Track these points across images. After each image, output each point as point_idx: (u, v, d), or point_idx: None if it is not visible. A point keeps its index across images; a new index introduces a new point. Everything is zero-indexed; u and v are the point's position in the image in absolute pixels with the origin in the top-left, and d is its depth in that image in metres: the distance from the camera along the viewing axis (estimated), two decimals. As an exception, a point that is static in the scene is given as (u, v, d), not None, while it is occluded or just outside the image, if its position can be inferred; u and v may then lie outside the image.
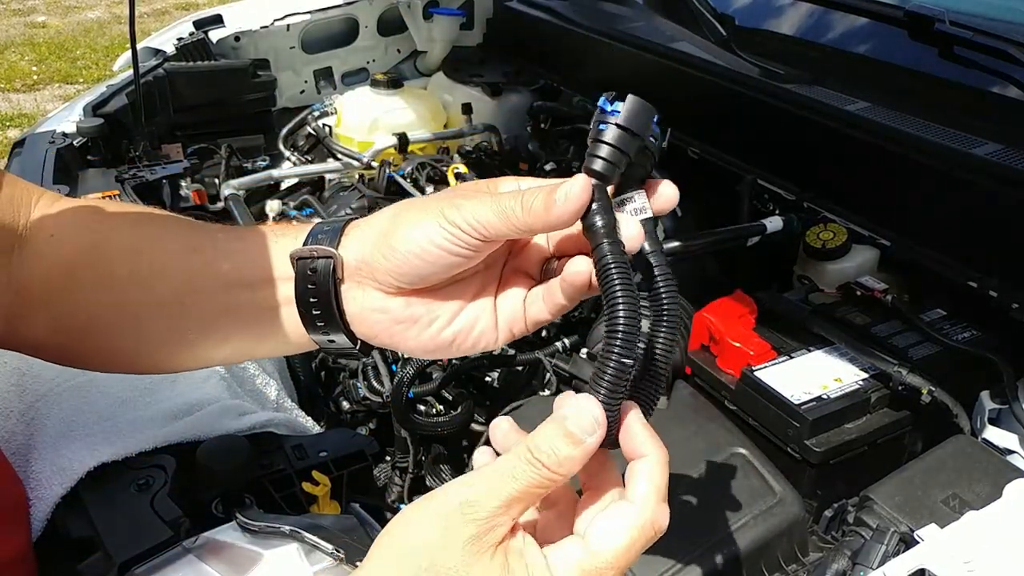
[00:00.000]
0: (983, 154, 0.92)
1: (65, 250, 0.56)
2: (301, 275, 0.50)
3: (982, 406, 0.85)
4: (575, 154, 1.44)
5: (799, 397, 0.84)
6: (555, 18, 1.56)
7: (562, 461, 0.39)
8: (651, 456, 0.41)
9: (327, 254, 0.49)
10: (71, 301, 0.56)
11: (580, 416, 0.39)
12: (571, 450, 0.39)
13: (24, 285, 0.56)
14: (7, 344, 0.58)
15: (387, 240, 0.47)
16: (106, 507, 0.63)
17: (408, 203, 0.48)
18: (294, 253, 0.50)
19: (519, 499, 0.39)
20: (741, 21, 1.30)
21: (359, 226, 0.50)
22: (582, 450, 0.39)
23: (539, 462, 0.39)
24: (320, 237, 0.50)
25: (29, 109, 4.18)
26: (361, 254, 0.49)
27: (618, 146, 0.40)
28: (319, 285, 0.49)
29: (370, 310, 0.49)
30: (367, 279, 0.49)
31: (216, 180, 1.44)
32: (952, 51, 1.01)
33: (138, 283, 0.55)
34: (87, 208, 0.60)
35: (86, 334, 0.56)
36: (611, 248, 0.39)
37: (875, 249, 1.03)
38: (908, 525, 0.69)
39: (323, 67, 1.74)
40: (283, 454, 0.73)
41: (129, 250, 0.56)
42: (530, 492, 0.39)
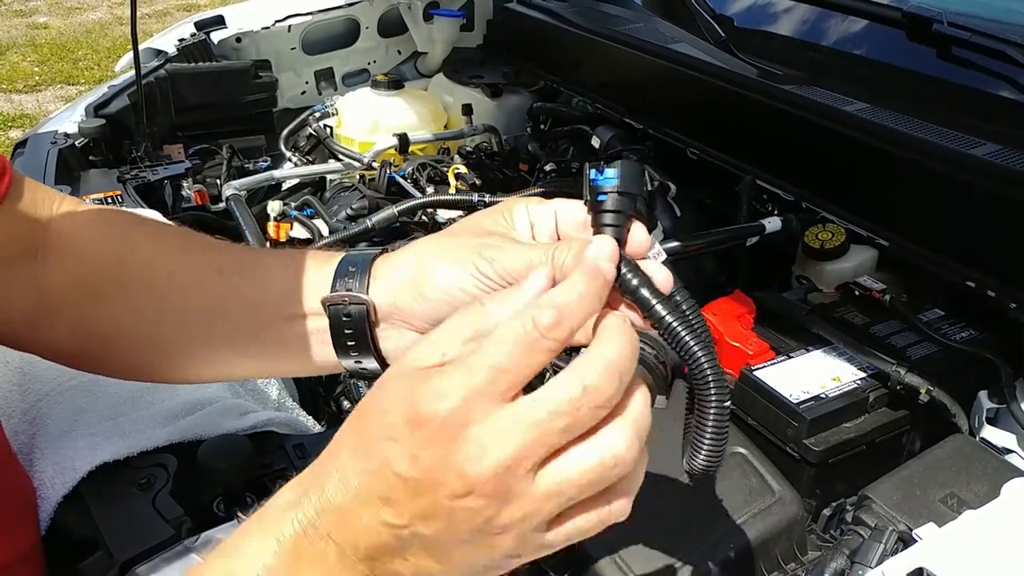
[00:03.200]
0: (982, 155, 0.92)
1: (89, 259, 0.57)
2: (335, 319, 0.50)
3: (980, 406, 0.86)
4: (574, 155, 1.44)
5: (798, 396, 0.84)
6: (555, 19, 1.56)
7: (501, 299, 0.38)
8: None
9: (359, 300, 0.49)
10: (94, 310, 0.56)
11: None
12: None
13: (47, 290, 0.56)
14: (27, 347, 0.59)
15: (418, 288, 0.47)
16: (108, 506, 0.63)
17: (436, 248, 0.48)
18: (326, 299, 0.50)
19: (454, 332, 0.37)
20: (740, 22, 1.31)
21: (387, 266, 0.50)
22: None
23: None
24: (349, 280, 0.50)
25: (31, 110, 4.19)
26: (392, 299, 0.49)
27: (621, 210, 0.42)
28: (355, 329, 0.50)
29: (407, 348, 0.49)
30: (400, 321, 0.50)
31: (218, 181, 1.45)
32: (950, 52, 1.02)
33: (163, 297, 0.55)
34: (111, 217, 0.60)
35: (107, 343, 0.57)
36: (663, 306, 0.40)
37: (873, 249, 1.03)
38: (906, 524, 0.69)
39: (324, 68, 1.74)
40: (284, 453, 0.73)
41: (154, 264, 0.56)
42: (462, 332, 0.37)
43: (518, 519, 0.34)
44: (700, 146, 1.24)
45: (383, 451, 0.35)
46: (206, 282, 0.55)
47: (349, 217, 1.35)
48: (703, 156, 1.23)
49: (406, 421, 0.34)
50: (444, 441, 0.34)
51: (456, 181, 1.43)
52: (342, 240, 1.27)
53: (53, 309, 0.56)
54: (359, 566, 0.37)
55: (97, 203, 1.15)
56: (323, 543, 0.36)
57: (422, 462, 0.34)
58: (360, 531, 0.36)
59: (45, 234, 0.57)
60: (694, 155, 1.25)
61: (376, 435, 0.35)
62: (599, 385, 0.34)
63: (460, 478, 0.33)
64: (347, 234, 1.27)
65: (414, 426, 0.34)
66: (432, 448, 0.34)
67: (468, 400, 0.34)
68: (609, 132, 1.39)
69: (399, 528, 0.35)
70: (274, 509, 0.39)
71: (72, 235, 0.58)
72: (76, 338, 0.57)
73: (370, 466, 0.35)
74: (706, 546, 0.74)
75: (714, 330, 0.95)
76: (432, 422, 0.34)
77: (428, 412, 0.34)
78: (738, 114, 1.20)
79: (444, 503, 0.34)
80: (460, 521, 0.34)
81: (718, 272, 1.14)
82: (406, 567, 0.37)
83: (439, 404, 0.34)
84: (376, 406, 0.36)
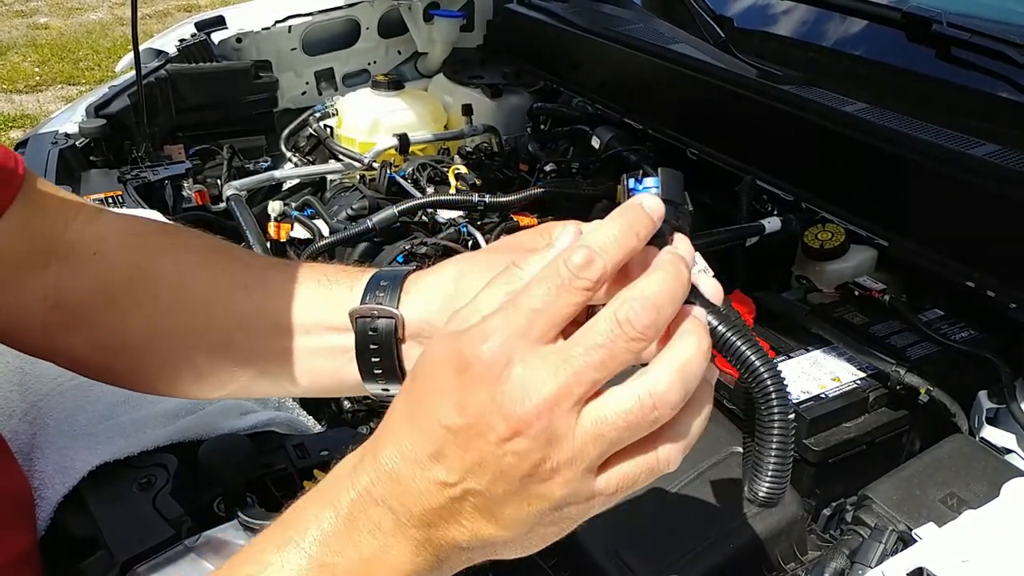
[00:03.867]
0: (981, 155, 0.92)
1: (108, 270, 0.56)
2: (361, 333, 0.49)
3: (980, 405, 0.86)
4: (575, 155, 1.44)
5: (797, 396, 0.84)
6: (555, 20, 1.56)
7: (527, 261, 0.37)
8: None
9: (388, 314, 0.48)
10: (112, 322, 0.55)
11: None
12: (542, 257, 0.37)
13: (64, 299, 0.55)
14: (44, 354, 0.58)
15: (453, 304, 0.45)
16: (108, 506, 0.63)
17: (471, 265, 0.47)
18: (354, 311, 0.49)
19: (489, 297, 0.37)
20: (739, 23, 1.31)
21: (421, 282, 0.49)
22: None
23: (512, 265, 0.38)
24: (379, 294, 0.49)
25: (32, 110, 4.19)
26: (425, 315, 0.48)
27: (665, 219, 0.39)
28: (381, 344, 0.49)
29: None
30: (429, 339, 0.48)
31: (218, 181, 1.45)
32: (950, 52, 1.02)
33: (183, 312, 0.54)
34: (130, 226, 0.59)
35: (125, 355, 0.56)
36: (717, 317, 0.38)
37: (873, 249, 1.03)
38: (906, 524, 0.69)
39: (324, 68, 1.74)
40: (284, 453, 0.73)
41: (174, 277, 0.55)
42: (498, 296, 0.36)
43: (564, 461, 0.34)
44: (700, 146, 1.24)
45: (432, 407, 0.35)
46: (230, 299, 0.53)
47: (350, 217, 1.35)
48: (703, 156, 1.24)
49: (453, 371, 0.35)
50: (488, 383, 0.34)
51: (456, 181, 1.43)
52: (343, 240, 1.27)
53: (70, 317, 0.55)
54: (415, 533, 0.36)
55: (98, 203, 1.15)
56: (378, 510, 0.36)
57: (469, 408, 0.34)
58: (414, 495, 0.36)
59: (62, 239, 0.57)
60: (694, 155, 1.25)
61: (425, 393, 0.36)
62: (631, 317, 0.34)
63: (505, 420, 0.33)
64: (347, 234, 1.27)
65: (459, 373, 0.34)
66: (477, 392, 0.34)
67: (508, 340, 0.34)
68: (609, 132, 1.39)
69: (451, 487, 0.35)
70: (331, 480, 0.38)
71: (92, 243, 0.57)
72: (93, 348, 0.56)
73: (420, 425, 0.35)
74: (706, 546, 0.74)
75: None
76: (476, 365, 0.34)
77: (471, 355, 0.34)
78: (737, 114, 1.20)
79: (492, 450, 0.34)
80: (509, 467, 0.34)
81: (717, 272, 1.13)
82: (461, 532, 0.36)
83: (481, 347, 0.34)
84: (424, 369, 0.36)
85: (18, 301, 0.55)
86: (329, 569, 0.36)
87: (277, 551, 0.37)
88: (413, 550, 0.37)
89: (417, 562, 0.37)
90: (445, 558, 0.38)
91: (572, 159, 1.43)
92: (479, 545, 0.37)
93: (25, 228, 0.56)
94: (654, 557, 0.71)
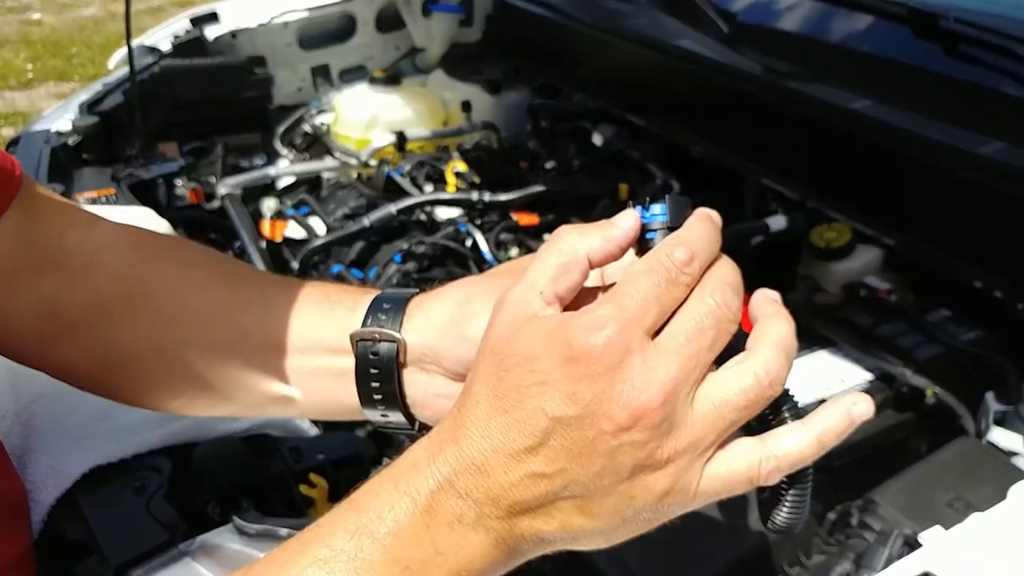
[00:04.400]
0: (989, 152, 0.91)
1: (103, 283, 0.55)
2: (362, 356, 0.48)
3: (987, 407, 0.85)
4: (576, 153, 1.43)
5: (803, 398, 0.83)
6: (555, 15, 1.55)
7: (583, 230, 0.39)
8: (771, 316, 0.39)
9: (390, 338, 0.47)
10: (107, 335, 0.54)
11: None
12: (599, 226, 0.39)
13: (58, 310, 0.54)
14: (36, 364, 0.57)
15: (458, 329, 0.45)
16: (102, 509, 0.62)
17: (477, 289, 0.47)
18: (355, 334, 0.48)
19: (540, 271, 0.38)
20: (744, 17, 1.30)
21: (424, 306, 0.48)
22: (609, 227, 0.39)
23: (561, 232, 0.39)
24: (382, 317, 0.48)
25: (24, 107, 4.16)
26: (427, 340, 0.47)
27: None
28: (381, 369, 0.47)
29: (435, 396, 0.48)
30: (432, 365, 0.47)
31: (212, 178, 1.43)
32: (957, 48, 1.01)
33: (182, 328, 0.53)
34: (128, 237, 0.58)
35: (120, 369, 0.55)
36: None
37: (880, 249, 1.02)
38: (912, 528, 0.68)
39: (320, 64, 1.73)
40: (280, 456, 0.72)
41: (172, 292, 0.54)
42: (549, 262, 0.38)
43: (682, 448, 0.34)
44: (703, 143, 1.23)
45: (534, 398, 0.34)
46: (228, 316, 0.52)
47: (346, 216, 1.34)
48: (706, 154, 1.23)
49: (560, 362, 0.34)
50: (604, 374, 0.33)
51: (455, 179, 1.42)
52: (339, 239, 1.26)
53: (64, 328, 0.54)
54: (497, 525, 0.36)
55: (90, 202, 1.13)
56: (462, 503, 0.35)
57: (582, 398, 0.34)
58: (504, 488, 0.35)
59: (57, 248, 0.56)
60: (697, 152, 1.24)
61: (524, 382, 0.35)
62: (727, 300, 0.36)
63: (624, 409, 0.33)
64: (344, 233, 1.25)
65: (569, 363, 0.34)
66: (592, 382, 0.33)
67: (624, 329, 0.34)
68: (611, 129, 1.38)
69: (549, 478, 0.35)
70: (407, 466, 0.37)
71: (89, 253, 0.56)
72: (87, 361, 0.55)
73: (518, 415, 0.35)
74: (709, 550, 0.73)
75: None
76: (589, 355, 0.33)
77: (584, 346, 0.34)
78: (742, 111, 1.19)
79: (607, 440, 0.34)
80: (623, 456, 0.34)
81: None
82: (549, 524, 0.36)
83: (595, 337, 0.34)
84: (516, 356, 0.35)
85: (11, 309, 0.54)
86: (403, 562, 0.36)
87: (350, 538, 0.36)
88: (492, 543, 0.36)
89: (492, 554, 0.36)
90: (522, 550, 0.37)
91: (573, 156, 1.42)
92: (564, 537, 0.37)
93: (20, 235, 0.55)
94: (659, 562, 0.71)
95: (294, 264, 1.27)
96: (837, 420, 0.37)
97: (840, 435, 0.37)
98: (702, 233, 0.38)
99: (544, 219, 1.28)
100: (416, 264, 1.18)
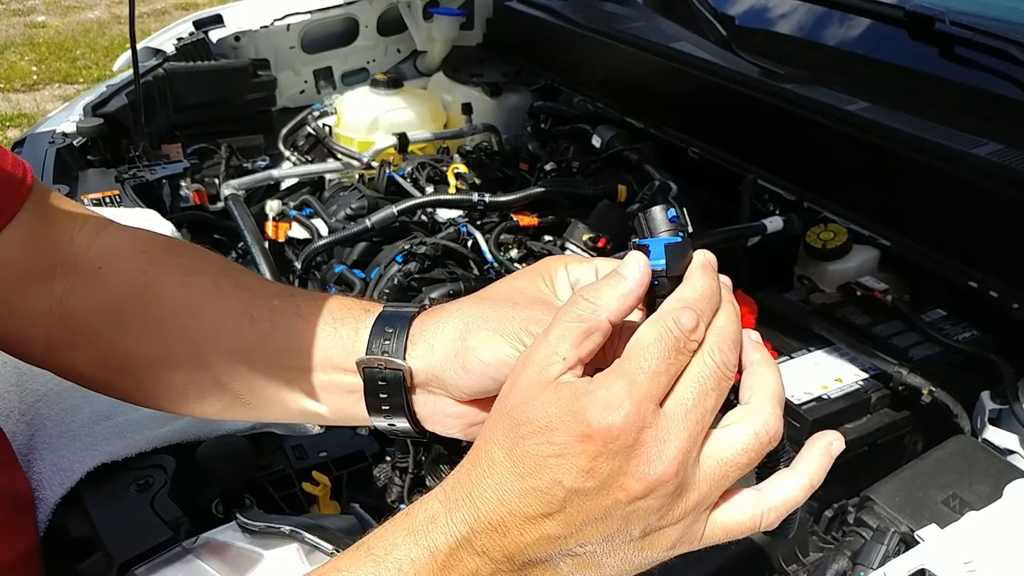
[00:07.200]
0: (984, 154, 0.92)
1: (113, 288, 0.55)
2: (370, 380, 0.49)
3: (982, 406, 0.85)
4: (575, 154, 1.44)
5: (800, 397, 0.84)
6: (555, 18, 1.56)
7: (594, 296, 0.39)
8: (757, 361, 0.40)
9: (396, 367, 0.48)
10: (115, 341, 0.55)
11: (626, 261, 0.40)
12: (611, 284, 0.39)
13: (68, 314, 0.55)
14: (47, 366, 0.58)
15: (459, 360, 0.46)
16: (106, 507, 0.63)
17: (480, 319, 0.46)
18: (360, 361, 0.48)
19: (563, 336, 0.38)
20: (741, 21, 1.30)
21: (427, 333, 0.48)
22: (622, 283, 0.39)
23: (579, 296, 0.39)
24: (386, 343, 0.48)
25: (29, 109, 4.18)
26: (431, 367, 0.47)
27: (671, 292, 0.40)
28: (390, 393, 0.49)
29: (443, 415, 0.49)
30: (438, 389, 0.48)
31: (216, 180, 1.44)
32: (953, 51, 1.01)
33: (188, 338, 0.53)
34: (138, 242, 0.59)
35: (128, 374, 0.56)
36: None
37: (876, 249, 1.02)
38: (908, 525, 0.69)
39: (323, 67, 1.73)
40: (283, 454, 0.73)
41: (180, 301, 0.54)
42: (571, 328, 0.38)
43: (691, 507, 0.36)
44: (701, 145, 1.24)
45: (551, 471, 0.36)
46: (235, 328, 0.53)
47: (348, 217, 1.35)
48: (704, 155, 1.23)
49: (577, 438, 0.35)
50: (622, 451, 0.35)
51: (456, 180, 1.43)
52: (341, 240, 1.27)
53: (73, 332, 0.55)
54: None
55: (95, 203, 1.14)
56: (478, 559, 0.37)
57: (599, 473, 0.35)
58: (520, 547, 0.37)
59: (68, 252, 0.56)
60: (695, 154, 1.25)
61: (540, 453, 0.36)
62: (725, 359, 0.37)
63: (640, 481, 0.35)
64: (346, 234, 1.26)
65: (586, 440, 0.35)
66: (609, 459, 0.35)
67: (639, 407, 0.35)
68: (610, 131, 1.38)
69: (564, 538, 0.36)
70: (423, 519, 0.39)
71: (98, 257, 0.56)
72: (95, 365, 0.56)
73: (536, 484, 0.36)
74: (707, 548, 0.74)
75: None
76: (608, 434, 0.35)
77: (602, 425, 0.35)
78: (739, 113, 1.19)
79: (621, 507, 0.35)
80: (636, 519, 0.36)
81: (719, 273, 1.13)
82: (558, 574, 0.38)
83: (612, 416, 0.35)
84: (534, 424, 0.37)
85: (22, 312, 0.55)
86: None
87: None
88: None
89: None
90: None
91: (573, 158, 1.42)
92: None
93: (31, 238, 0.55)
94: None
95: (297, 264, 1.28)
96: (821, 461, 0.40)
97: (825, 473, 0.40)
98: (705, 289, 0.39)
99: (544, 220, 1.29)
100: (417, 264, 1.19)
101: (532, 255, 1.26)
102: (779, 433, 0.38)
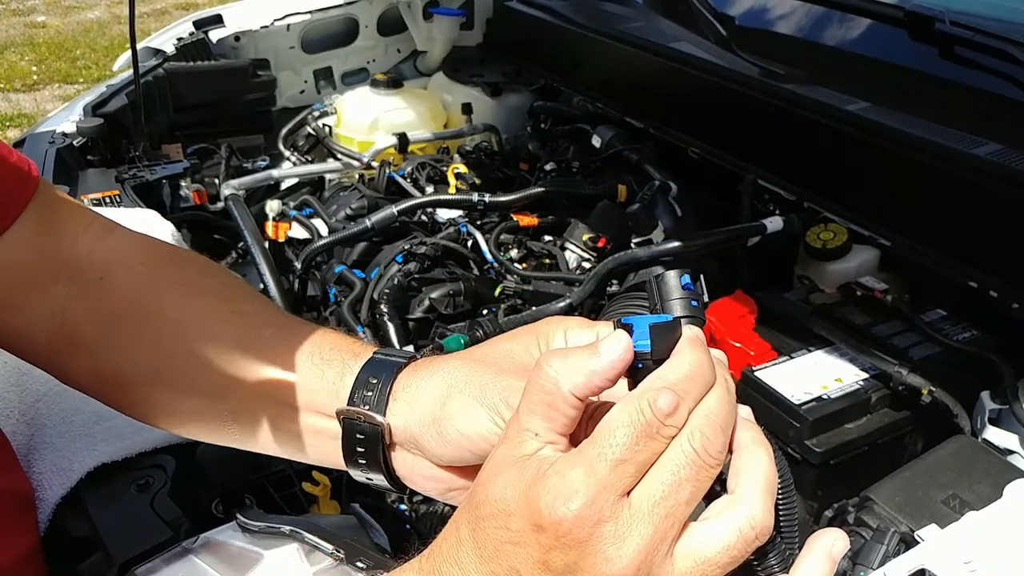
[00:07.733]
0: (984, 154, 0.92)
1: (112, 301, 0.55)
2: (348, 431, 0.48)
3: (982, 406, 0.85)
4: (575, 154, 1.44)
5: (799, 397, 0.84)
6: (555, 18, 1.56)
7: (559, 365, 0.35)
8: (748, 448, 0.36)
9: (374, 421, 0.46)
10: (111, 353, 0.55)
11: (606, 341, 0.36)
12: (582, 357, 0.35)
13: (69, 321, 0.55)
14: (49, 368, 0.58)
15: (437, 426, 0.45)
16: (106, 507, 0.63)
17: (463, 383, 0.45)
18: (340, 411, 0.48)
19: (529, 409, 0.35)
20: (741, 21, 1.30)
21: (409, 390, 0.47)
22: (594, 360, 0.35)
23: (544, 362, 0.36)
24: (367, 395, 0.47)
25: (29, 109, 4.18)
26: (409, 428, 0.46)
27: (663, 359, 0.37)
28: (367, 447, 0.47)
29: (421, 476, 0.48)
30: (416, 450, 0.47)
31: (216, 180, 1.44)
32: (953, 51, 1.01)
33: (179, 362, 0.53)
34: (141, 252, 0.58)
35: (122, 388, 0.56)
36: None
37: (876, 249, 1.02)
38: (908, 525, 0.68)
39: (323, 67, 1.74)
40: (283, 454, 0.73)
41: (174, 323, 0.54)
42: (535, 399, 0.35)
43: None
44: (701, 145, 1.24)
45: (509, 557, 0.34)
46: (228, 357, 0.52)
47: (348, 217, 1.35)
48: (704, 155, 1.23)
49: (531, 527, 0.33)
50: (575, 545, 0.32)
51: (456, 180, 1.43)
52: (341, 240, 1.27)
53: (73, 340, 0.55)
54: None
55: (95, 203, 1.14)
56: None
57: (554, 567, 0.33)
58: None
59: (71, 255, 0.56)
60: (695, 154, 1.25)
61: (498, 538, 0.34)
62: (707, 445, 0.34)
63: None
64: (346, 234, 1.26)
65: (538, 531, 0.33)
66: (562, 553, 0.33)
67: (595, 498, 0.32)
68: (610, 131, 1.38)
69: None
70: None
71: (101, 265, 0.56)
72: (92, 375, 0.56)
73: (495, 570, 0.34)
74: None
75: (716, 330, 0.94)
76: (559, 528, 0.32)
77: (554, 517, 0.32)
78: (739, 113, 1.19)
79: None
80: None
81: (719, 272, 1.13)
82: None
83: (565, 507, 0.32)
84: (492, 506, 0.35)
85: (26, 312, 0.55)
86: None
87: None
88: None
89: None
90: None
91: (573, 158, 1.42)
92: None
93: (37, 238, 0.55)
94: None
95: (297, 264, 1.28)
96: (822, 568, 0.35)
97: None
98: (690, 368, 0.35)
99: (544, 220, 1.29)
100: (417, 264, 1.19)
101: (532, 255, 1.26)
102: (768, 529, 0.34)
